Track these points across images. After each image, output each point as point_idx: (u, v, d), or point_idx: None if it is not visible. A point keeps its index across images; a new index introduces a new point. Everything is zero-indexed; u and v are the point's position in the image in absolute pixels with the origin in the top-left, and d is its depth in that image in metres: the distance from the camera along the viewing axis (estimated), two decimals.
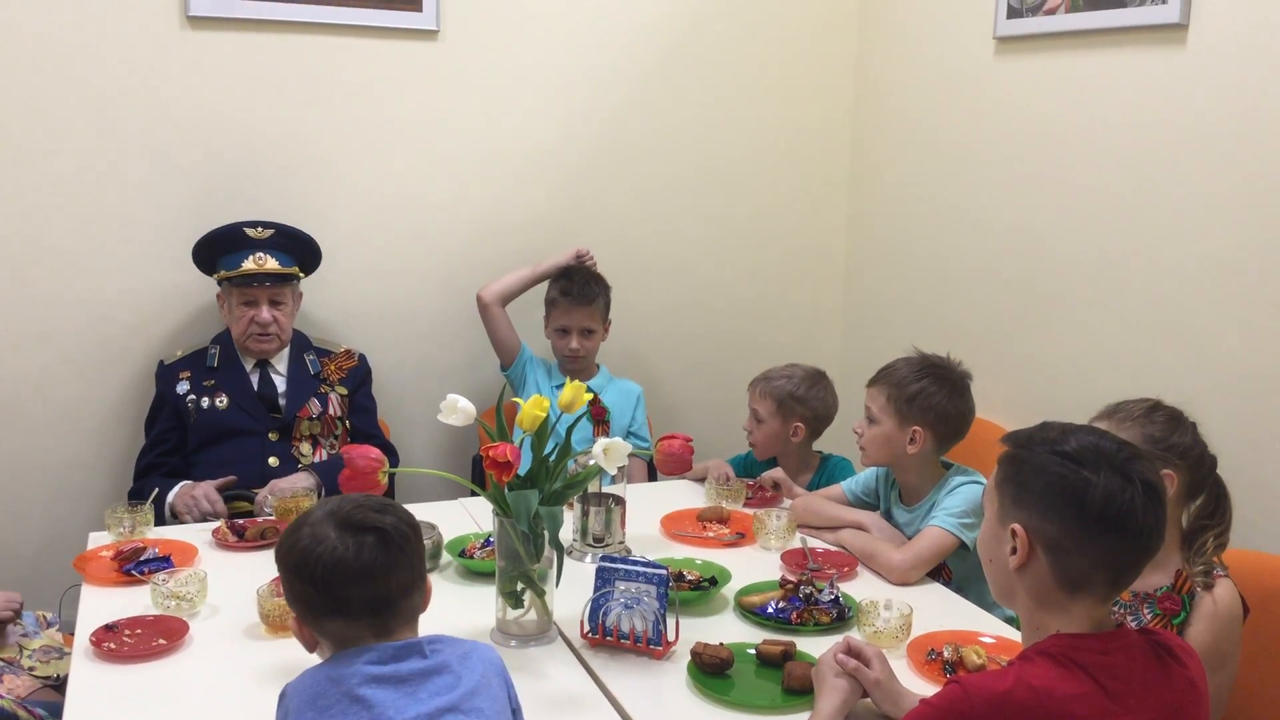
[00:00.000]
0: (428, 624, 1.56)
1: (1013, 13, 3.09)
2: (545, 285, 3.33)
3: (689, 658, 1.88)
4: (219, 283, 3.01)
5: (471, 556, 2.32)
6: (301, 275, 3.09)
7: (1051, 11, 2.97)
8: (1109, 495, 1.36)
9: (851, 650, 1.71)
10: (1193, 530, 1.99)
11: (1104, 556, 1.39)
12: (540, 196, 3.49)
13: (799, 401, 2.91)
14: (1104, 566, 1.39)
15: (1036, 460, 1.43)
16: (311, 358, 3.09)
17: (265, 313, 2.95)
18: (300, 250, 3.08)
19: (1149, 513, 1.38)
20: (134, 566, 2.23)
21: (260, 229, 2.99)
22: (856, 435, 2.54)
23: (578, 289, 3.24)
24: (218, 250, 2.99)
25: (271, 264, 2.97)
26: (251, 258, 2.95)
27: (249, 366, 3.02)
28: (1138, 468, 1.39)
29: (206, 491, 2.74)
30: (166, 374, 2.99)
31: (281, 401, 3.00)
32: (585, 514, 2.42)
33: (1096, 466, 1.38)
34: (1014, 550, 1.43)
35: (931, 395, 2.43)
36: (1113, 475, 1.37)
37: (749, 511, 2.64)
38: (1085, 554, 1.39)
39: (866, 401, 2.51)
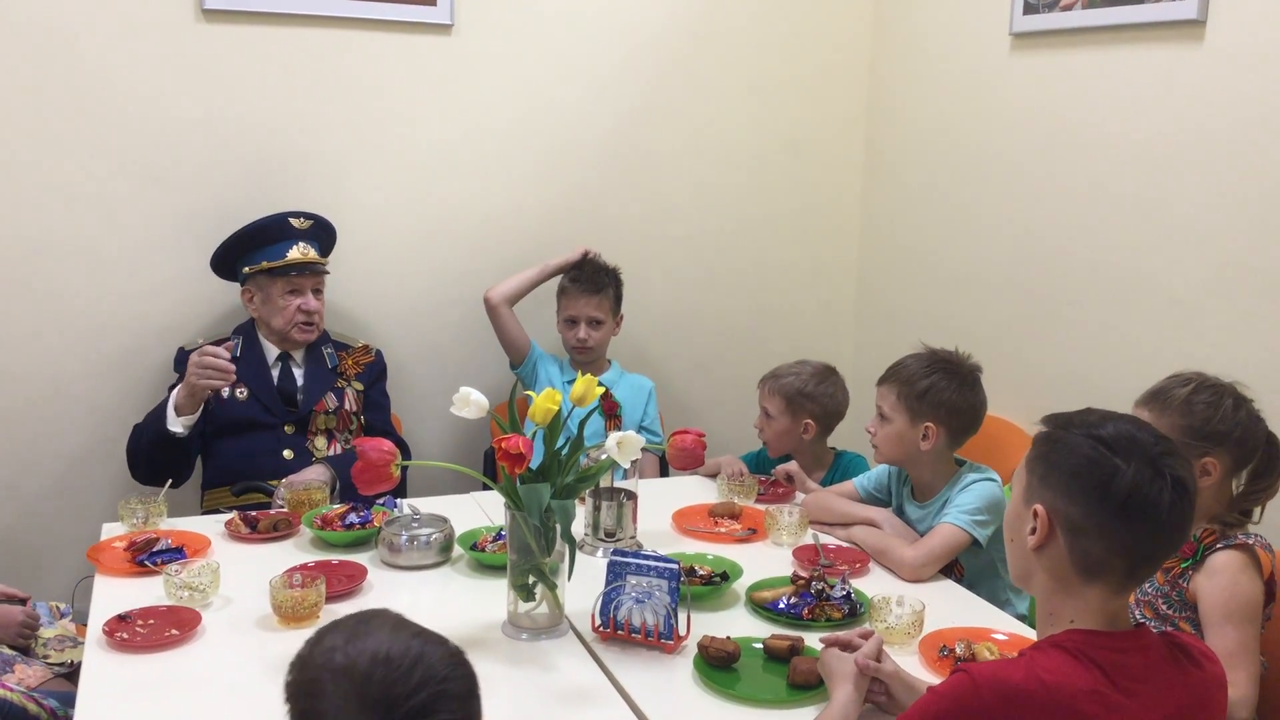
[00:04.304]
0: (437, 619, 1.55)
1: (1029, 9, 3.08)
2: (557, 279, 3.33)
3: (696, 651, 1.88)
4: (250, 276, 2.99)
5: (483, 550, 2.32)
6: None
7: (1068, 7, 2.96)
8: (1136, 485, 1.35)
9: (843, 644, 1.74)
10: (1245, 494, 2.01)
11: (1123, 545, 1.37)
12: (554, 193, 3.49)
13: (808, 398, 2.90)
14: (1122, 555, 1.38)
15: (1069, 441, 1.41)
16: (329, 351, 3.09)
17: (313, 300, 2.98)
18: (329, 240, 3.12)
19: (1175, 510, 1.36)
20: (147, 557, 2.24)
21: (302, 219, 3.01)
22: (869, 434, 2.54)
23: (587, 278, 3.26)
24: (258, 241, 2.98)
25: (312, 253, 3.00)
26: (296, 247, 2.97)
27: (271, 359, 3.03)
28: (1170, 463, 1.37)
29: (208, 357, 2.73)
30: (186, 359, 2.98)
31: (299, 396, 3.01)
32: (597, 508, 2.42)
33: (1129, 455, 1.37)
34: (1034, 530, 1.42)
35: (942, 390, 2.42)
36: (1144, 466, 1.36)
37: (761, 507, 2.63)
38: (1104, 540, 1.37)
39: (877, 400, 2.51)
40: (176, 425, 2.80)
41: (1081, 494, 1.38)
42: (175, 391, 2.81)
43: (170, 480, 2.69)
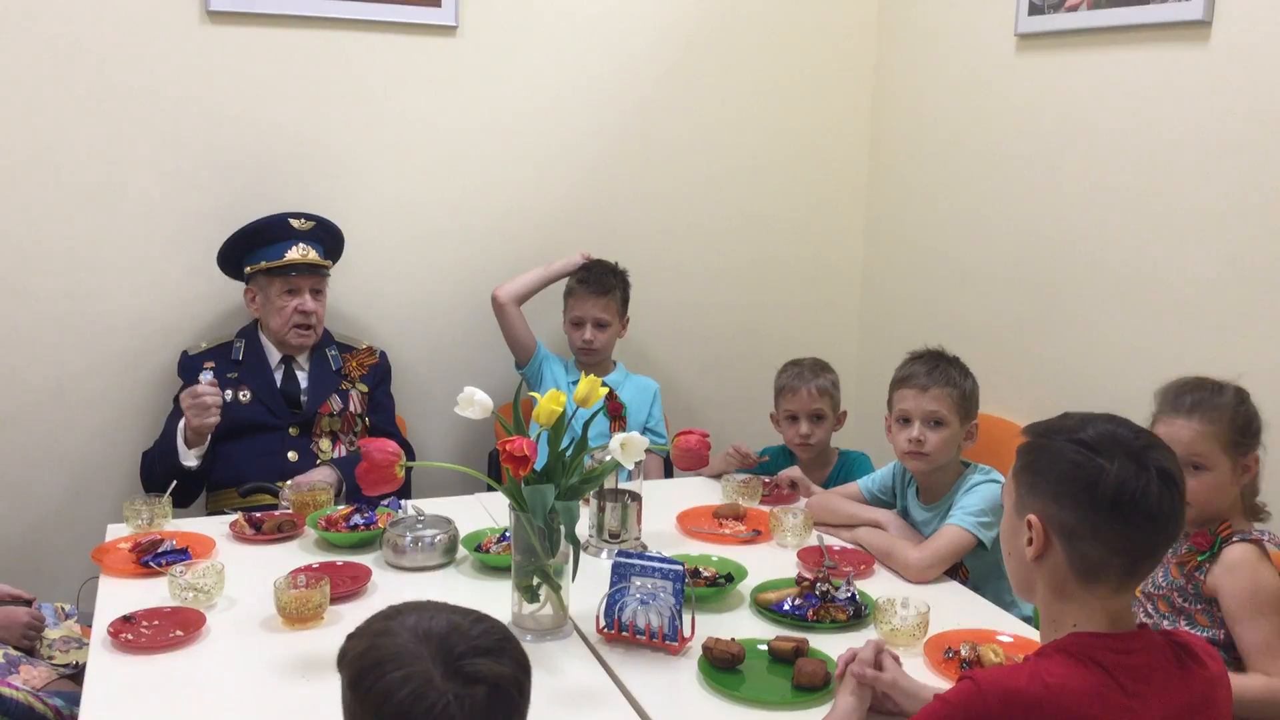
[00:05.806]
0: None
1: (1034, 10, 3.07)
2: (563, 280, 3.33)
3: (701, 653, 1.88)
4: (251, 276, 3.00)
5: (488, 551, 2.32)
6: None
7: (1073, 8, 2.95)
8: (1121, 481, 1.36)
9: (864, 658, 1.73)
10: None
11: (1119, 544, 1.38)
12: (558, 194, 3.49)
13: (837, 389, 3.00)
14: (1119, 554, 1.38)
15: (1053, 448, 1.42)
16: (334, 353, 3.09)
17: (310, 302, 2.97)
18: (333, 243, 3.11)
19: (1164, 500, 1.37)
20: (152, 558, 2.25)
21: (303, 220, 3.01)
22: (918, 443, 2.40)
23: (595, 279, 3.26)
24: (258, 241, 2.98)
25: (313, 255, 3.00)
26: (295, 248, 2.97)
27: (274, 362, 3.03)
28: (1154, 456, 1.38)
29: (199, 389, 2.76)
30: (190, 364, 2.99)
31: (303, 398, 3.01)
32: (601, 509, 2.42)
33: (1111, 454, 1.37)
34: (1030, 541, 1.42)
35: (976, 389, 2.48)
36: (1127, 462, 1.36)
37: (765, 509, 2.63)
38: (1100, 541, 1.38)
39: (927, 405, 2.40)
40: (189, 459, 2.81)
41: (1070, 499, 1.39)
42: (180, 428, 2.81)
43: (175, 482, 2.70)
